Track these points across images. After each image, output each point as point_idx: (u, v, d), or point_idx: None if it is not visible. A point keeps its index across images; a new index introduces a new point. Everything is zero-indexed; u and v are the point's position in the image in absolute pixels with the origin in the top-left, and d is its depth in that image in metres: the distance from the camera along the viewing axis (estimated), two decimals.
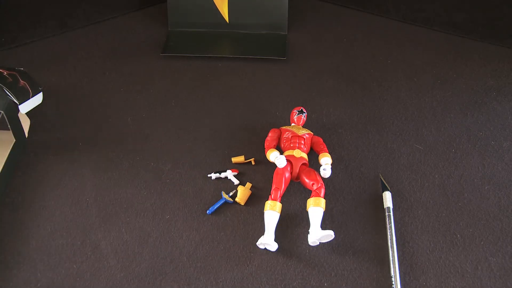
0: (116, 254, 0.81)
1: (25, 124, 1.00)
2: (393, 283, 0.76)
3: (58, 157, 0.96)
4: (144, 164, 0.94)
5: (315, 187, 0.85)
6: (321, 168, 0.87)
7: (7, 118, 0.91)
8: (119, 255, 0.81)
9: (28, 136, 0.99)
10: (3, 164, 0.90)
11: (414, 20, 1.30)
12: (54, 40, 1.24)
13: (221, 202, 0.87)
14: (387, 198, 0.86)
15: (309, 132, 0.95)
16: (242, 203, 0.88)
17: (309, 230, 0.81)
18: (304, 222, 0.85)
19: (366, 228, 0.84)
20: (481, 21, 1.30)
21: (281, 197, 0.86)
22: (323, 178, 0.88)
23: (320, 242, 0.81)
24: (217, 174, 0.92)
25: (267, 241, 0.80)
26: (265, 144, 0.93)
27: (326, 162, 0.90)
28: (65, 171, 0.93)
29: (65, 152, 0.97)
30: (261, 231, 0.83)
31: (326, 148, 0.93)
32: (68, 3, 1.34)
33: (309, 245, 0.82)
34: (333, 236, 0.79)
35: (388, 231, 0.82)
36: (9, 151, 0.93)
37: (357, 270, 0.78)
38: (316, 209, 0.82)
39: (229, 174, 0.92)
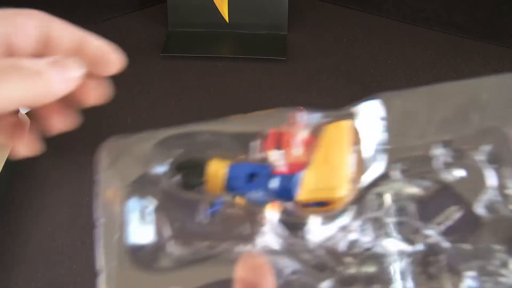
0: None
1: (25, 124, 1.00)
2: None
3: (58, 157, 0.96)
4: None
5: None
6: None
7: None
8: None
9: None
10: (3, 164, 0.90)
11: (414, 20, 1.30)
12: None
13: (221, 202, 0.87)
14: None
15: None
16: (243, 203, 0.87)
17: None
18: None
19: None
20: (481, 21, 1.30)
21: None
22: None
23: None
24: None
25: None
26: None
27: None
28: (65, 171, 0.93)
29: (66, 152, 0.97)
30: None
31: None
32: (68, 3, 1.34)
33: None
34: None
35: None
36: (9, 151, 0.93)
37: None
38: None
39: None
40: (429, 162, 0.31)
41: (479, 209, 0.29)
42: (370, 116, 0.34)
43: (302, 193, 0.31)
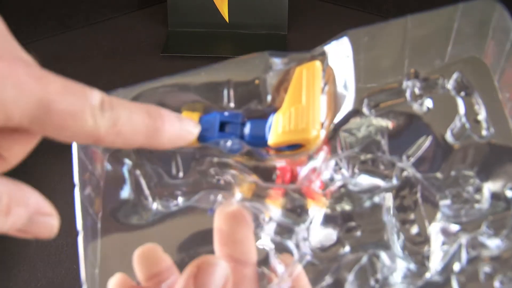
0: None
1: None
2: None
3: (58, 157, 0.96)
4: None
5: None
6: None
7: None
8: None
9: None
10: None
11: None
12: (54, 40, 1.24)
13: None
14: None
15: None
16: None
17: None
18: None
19: None
20: None
21: None
22: None
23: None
24: None
25: None
26: None
27: None
28: (65, 171, 0.93)
29: (65, 152, 0.97)
30: None
31: None
32: (68, 3, 1.34)
33: None
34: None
35: None
36: None
37: None
38: None
39: None
40: (399, 95, 0.31)
41: (449, 137, 0.29)
42: (339, 55, 0.33)
43: (273, 137, 0.30)
